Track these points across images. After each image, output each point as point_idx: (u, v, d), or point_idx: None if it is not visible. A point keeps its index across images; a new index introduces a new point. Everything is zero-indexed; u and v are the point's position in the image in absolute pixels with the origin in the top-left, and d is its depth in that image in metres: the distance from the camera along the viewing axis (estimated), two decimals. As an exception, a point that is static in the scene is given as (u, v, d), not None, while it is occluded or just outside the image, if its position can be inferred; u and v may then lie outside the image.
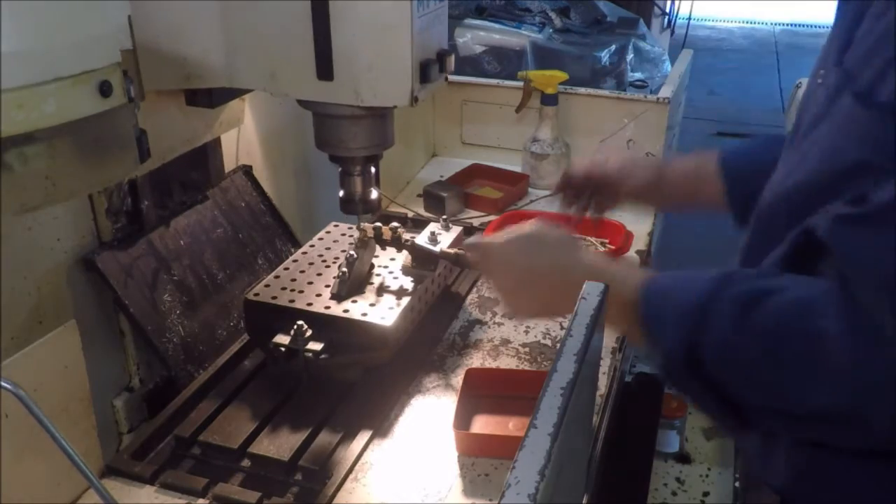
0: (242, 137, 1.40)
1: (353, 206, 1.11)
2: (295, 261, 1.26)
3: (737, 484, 1.40)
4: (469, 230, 1.62)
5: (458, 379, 1.16)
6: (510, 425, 1.10)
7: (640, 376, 1.43)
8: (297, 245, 1.44)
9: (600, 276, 0.79)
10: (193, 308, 1.23)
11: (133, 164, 0.78)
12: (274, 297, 1.15)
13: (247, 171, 1.41)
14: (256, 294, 1.16)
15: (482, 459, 1.03)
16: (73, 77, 0.67)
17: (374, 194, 1.11)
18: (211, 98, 1.08)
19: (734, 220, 1.11)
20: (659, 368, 0.79)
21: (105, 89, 0.70)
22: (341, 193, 1.10)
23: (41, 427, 0.78)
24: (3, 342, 0.96)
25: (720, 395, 0.74)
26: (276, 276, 1.20)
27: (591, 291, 0.76)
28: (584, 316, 0.72)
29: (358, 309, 1.13)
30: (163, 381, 1.21)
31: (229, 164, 1.37)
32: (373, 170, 1.09)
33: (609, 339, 1.24)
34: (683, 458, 1.44)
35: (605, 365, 1.19)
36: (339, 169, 1.09)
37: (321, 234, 1.35)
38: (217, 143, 1.31)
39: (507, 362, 1.22)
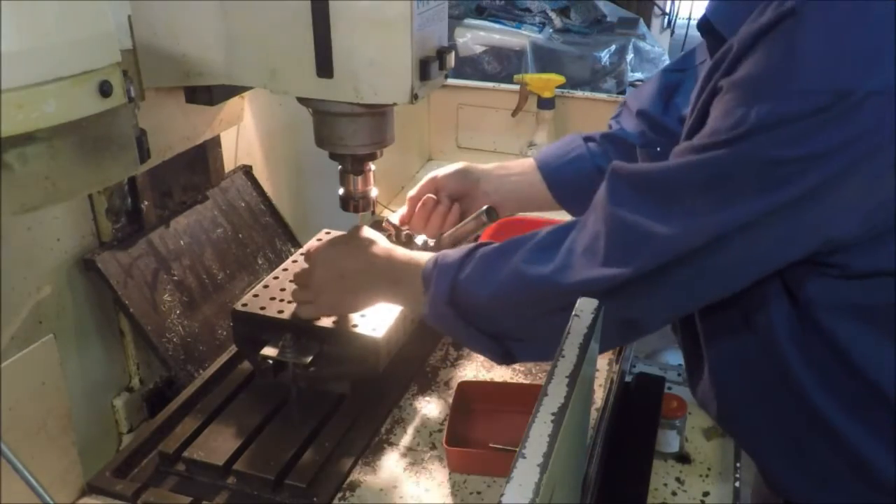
0: (242, 138, 1.40)
1: (352, 204, 1.11)
2: (285, 269, 1.22)
3: (737, 484, 1.40)
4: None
5: (450, 392, 1.14)
6: (504, 441, 1.07)
7: (640, 376, 1.42)
8: (297, 245, 1.44)
9: (396, 266, 0.97)
10: (193, 308, 1.22)
11: (133, 164, 0.78)
12: (262, 308, 1.11)
13: (247, 170, 1.41)
14: (244, 304, 1.12)
15: (475, 477, 1.00)
16: (73, 77, 0.67)
17: (373, 192, 1.11)
18: (211, 95, 1.08)
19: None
20: (426, 315, 0.92)
21: (105, 89, 0.70)
22: (341, 191, 1.10)
23: (22, 443, 0.74)
24: (3, 343, 0.96)
25: (476, 329, 0.89)
26: (265, 286, 1.17)
27: (584, 308, 0.74)
28: (577, 335, 0.70)
29: (348, 320, 1.10)
30: (163, 381, 1.21)
31: (229, 164, 1.37)
32: (372, 167, 1.09)
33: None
34: (683, 458, 1.43)
35: (604, 365, 1.19)
36: (339, 167, 1.09)
37: (312, 241, 1.30)
38: (217, 142, 1.31)
39: (501, 374, 1.19)
